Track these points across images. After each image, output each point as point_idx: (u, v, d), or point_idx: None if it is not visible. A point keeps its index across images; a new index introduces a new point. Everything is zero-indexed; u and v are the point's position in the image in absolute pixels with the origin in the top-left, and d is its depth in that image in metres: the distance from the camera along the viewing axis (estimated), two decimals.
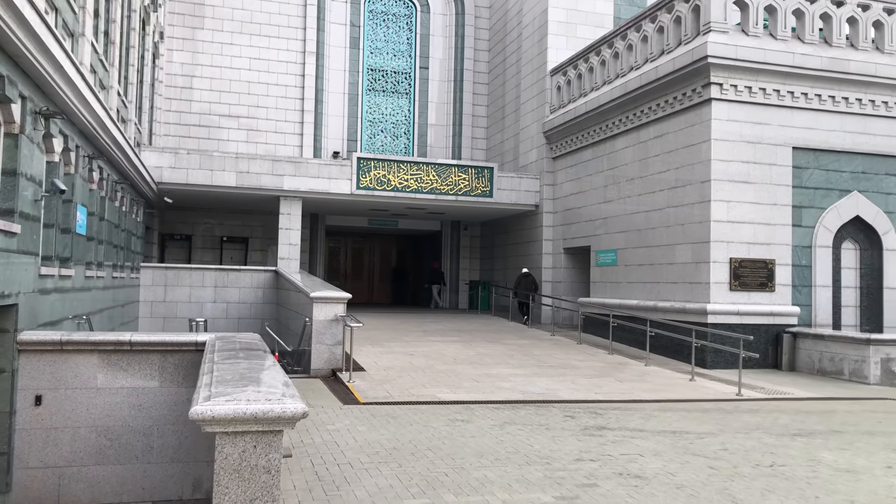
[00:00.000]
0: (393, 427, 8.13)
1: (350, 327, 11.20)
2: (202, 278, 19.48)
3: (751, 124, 15.23)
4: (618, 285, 18.33)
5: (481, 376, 11.94)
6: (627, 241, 17.98)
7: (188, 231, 24.77)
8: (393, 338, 16.22)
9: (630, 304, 17.26)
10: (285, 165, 20.52)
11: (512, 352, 14.90)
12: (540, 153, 22.46)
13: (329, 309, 12.06)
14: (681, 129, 16.03)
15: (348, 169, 21.01)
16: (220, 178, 19.97)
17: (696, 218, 15.36)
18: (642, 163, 17.46)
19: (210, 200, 22.24)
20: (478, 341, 16.25)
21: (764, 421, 9.32)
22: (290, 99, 25.74)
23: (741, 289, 14.97)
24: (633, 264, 17.68)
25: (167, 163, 19.59)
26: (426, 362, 13.10)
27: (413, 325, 18.88)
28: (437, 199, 21.66)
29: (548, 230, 22.06)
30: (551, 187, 22.16)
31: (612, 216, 18.70)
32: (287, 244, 20.79)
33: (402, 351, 14.33)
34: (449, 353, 14.36)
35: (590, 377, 12.38)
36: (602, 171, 19.33)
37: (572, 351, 15.60)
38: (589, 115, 19.40)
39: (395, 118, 27.14)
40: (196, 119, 24.85)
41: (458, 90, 27.41)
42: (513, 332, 18.46)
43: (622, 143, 18.43)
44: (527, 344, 16.27)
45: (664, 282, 16.38)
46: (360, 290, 30.45)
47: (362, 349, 14.29)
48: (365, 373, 11.89)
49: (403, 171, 21.29)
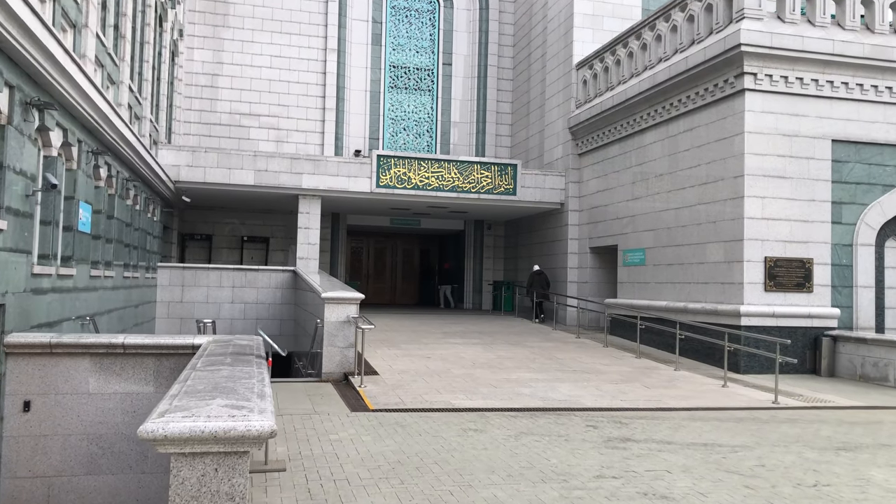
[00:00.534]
0: (400, 437, 7.58)
1: (362, 329, 10.68)
2: (220, 278, 19.15)
3: (787, 116, 14.43)
4: (646, 286, 17.61)
5: (500, 381, 11.36)
6: (656, 239, 17.25)
7: (209, 231, 24.52)
8: (411, 340, 15.70)
9: (659, 306, 16.54)
10: (304, 163, 20.12)
11: (534, 355, 14.28)
12: (565, 150, 21.79)
13: (341, 310, 11.57)
14: (712, 122, 15.27)
15: (368, 167, 20.55)
16: (238, 176, 19.63)
17: (728, 215, 14.61)
18: (671, 158, 16.73)
19: (229, 200, 21.94)
20: (499, 344, 15.66)
21: (804, 433, 8.60)
22: (311, 97, 25.38)
23: (777, 289, 14.18)
24: (662, 264, 16.95)
25: (184, 161, 19.30)
26: (443, 366, 12.55)
27: (433, 327, 18.34)
28: (459, 198, 21.10)
29: (573, 229, 21.38)
30: (577, 185, 21.48)
31: (640, 214, 17.97)
32: (306, 244, 20.39)
33: (418, 354, 13.79)
34: (468, 356, 13.80)
35: (615, 383, 11.72)
36: (629, 168, 18.61)
37: (598, 354, 14.93)
38: (616, 109, 18.70)
39: (417, 116, 26.65)
40: (217, 118, 24.60)
41: (481, 87, 26.82)
42: (536, 334, 17.83)
43: (650, 138, 17.71)
44: (550, 347, 15.64)
45: (694, 282, 15.64)
46: (382, 291, 30.02)
47: (377, 352, 13.79)
48: (378, 377, 11.37)
49: (424, 168, 20.77)
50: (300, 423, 8.22)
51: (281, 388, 10.48)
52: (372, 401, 9.62)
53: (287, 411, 8.85)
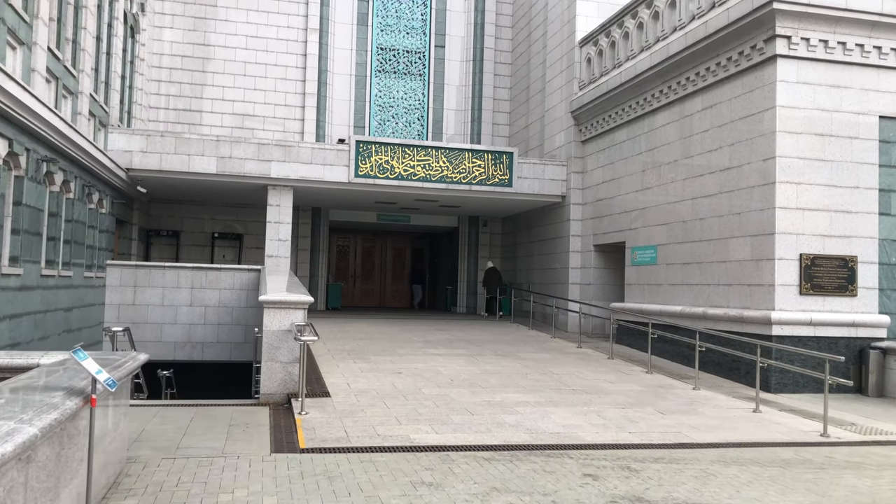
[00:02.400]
0: (317, 501, 5.41)
1: (302, 342, 8.51)
2: (177, 278, 17.03)
3: (826, 88, 12.21)
4: (657, 288, 15.40)
5: (480, 406, 9.18)
6: (669, 235, 15.05)
7: (176, 227, 22.42)
8: (385, 350, 13.53)
9: (673, 311, 14.34)
10: (273, 150, 17.98)
11: (526, 369, 12.09)
12: (567, 136, 19.60)
13: (284, 316, 9.42)
14: (736, 97, 13.07)
15: (346, 154, 18.40)
16: (198, 163, 17.51)
17: (756, 205, 12.40)
18: (687, 141, 14.53)
19: (193, 191, 19.83)
20: (487, 355, 13.48)
21: (878, 486, 6.40)
22: (290, 81, 23.27)
23: (814, 292, 11.96)
24: (677, 263, 14.74)
25: (138, 146, 17.20)
26: (414, 385, 10.37)
27: (416, 334, 16.16)
28: (448, 190, 18.93)
29: (575, 224, 19.18)
30: (580, 175, 19.27)
31: (651, 206, 15.77)
32: (276, 240, 18.25)
33: (388, 368, 11.62)
34: (447, 371, 11.62)
35: (622, 406, 9.52)
36: (639, 154, 16.41)
37: (602, 368, 12.73)
38: (624, 87, 16.51)
39: (407, 103, 24.49)
40: (186, 103, 22.51)
41: (477, 71, 24.65)
42: (532, 344, 15.63)
43: (663, 119, 15.51)
44: (546, 359, 13.44)
45: (715, 284, 13.43)
46: (370, 294, 27.89)
47: (339, 366, 11.63)
48: (328, 400, 9.21)
49: (409, 156, 18.61)
50: (192, 470, 6.06)
51: (201, 415, 8.34)
52: (308, 435, 7.46)
53: (186, 452, 6.68)
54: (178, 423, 7.86)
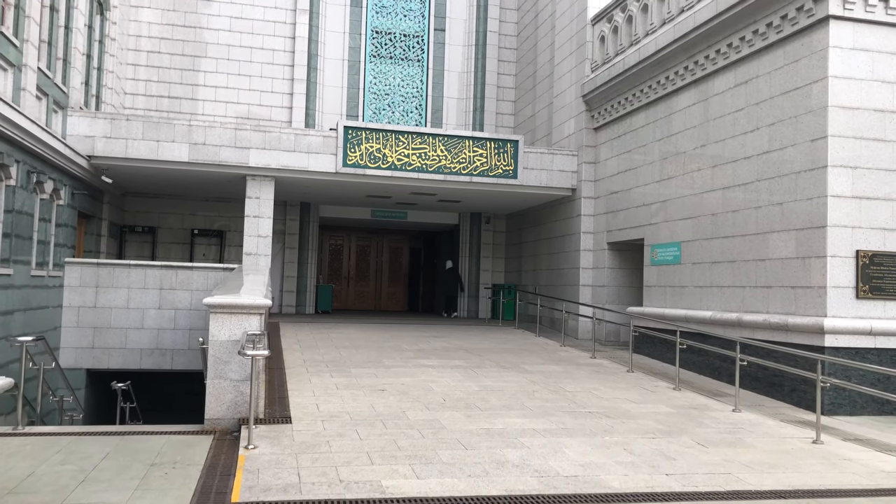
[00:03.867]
0: None
1: (251, 357, 6.72)
2: (144, 278, 15.29)
3: (888, 55, 10.40)
4: (682, 290, 13.59)
5: (476, 435, 7.39)
6: (696, 230, 13.24)
7: (153, 222, 20.68)
8: (370, 361, 11.75)
9: (700, 317, 12.53)
10: (251, 135, 16.22)
11: (534, 385, 10.29)
12: (578, 124, 17.79)
13: (234, 324, 7.65)
14: (777, 70, 11.26)
15: (333, 141, 16.63)
16: (169, 150, 15.76)
17: (802, 193, 10.59)
18: (717, 123, 12.72)
19: (168, 183, 18.09)
20: (488, 367, 11.68)
21: None
22: (277, 66, 21.52)
23: (873, 296, 10.14)
24: (705, 262, 12.93)
25: (101, 131, 15.46)
26: (397, 406, 8.58)
27: (408, 342, 14.38)
28: (446, 181, 17.14)
29: (587, 220, 17.36)
30: (592, 166, 17.47)
31: (674, 198, 13.97)
32: (255, 236, 16.48)
33: (370, 384, 9.83)
34: (440, 387, 9.82)
35: (653, 436, 7.72)
36: (659, 140, 14.61)
37: (621, 384, 10.92)
38: (642, 66, 14.72)
39: (404, 90, 22.71)
40: (165, 89, 20.79)
41: (480, 56, 22.87)
42: (539, 353, 13.83)
43: (687, 100, 13.71)
44: (556, 372, 11.63)
45: (752, 286, 11.61)
46: (365, 296, 26.11)
47: (312, 381, 9.85)
48: (288, 427, 7.43)
49: (403, 144, 16.83)
50: None
51: (121, 449, 6.56)
52: (247, 481, 5.67)
53: None
54: (84, 461, 6.10)
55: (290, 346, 12.97)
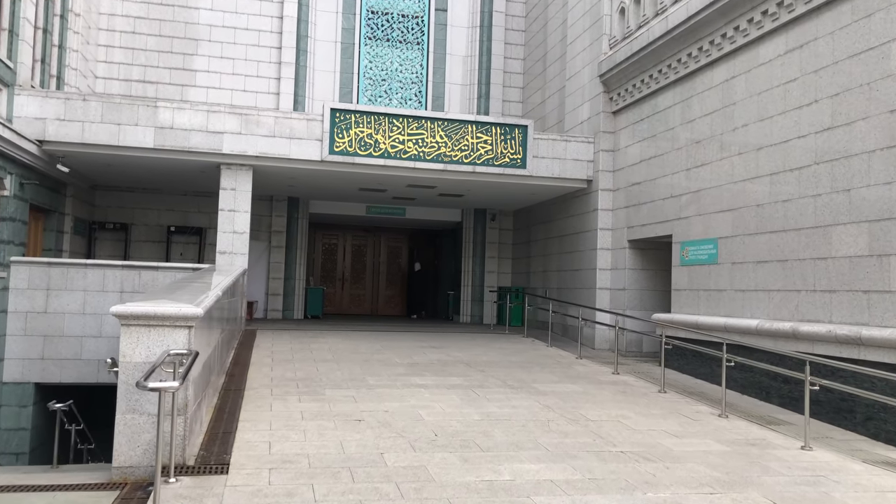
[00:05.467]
0: None
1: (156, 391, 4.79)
2: (103, 280, 13.44)
3: None
4: (719, 295, 11.65)
5: (476, 492, 5.48)
6: (737, 224, 11.30)
7: (125, 218, 18.85)
8: (352, 379, 9.84)
9: (744, 327, 10.58)
10: (225, 119, 14.35)
11: (548, 412, 8.36)
12: (594, 107, 15.87)
13: (154, 339, 5.76)
14: (842, 28, 9.33)
15: (318, 125, 14.75)
16: (132, 135, 13.91)
17: (877, 176, 8.65)
18: (762, 98, 10.79)
19: (134, 174, 16.24)
20: (493, 386, 9.76)
21: None
22: (263, 48, 19.69)
23: None
24: (748, 261, 10.99)
25: (52, 112, 13.63)
26: (375, 444, 6.67)
27: (401, 354, 12.47)
28: (447, 171, 15.25)
29: (605, 215, 15.43)
30: (610, 154, 15.54)
31: (709, 188, 12.03)
32: (230, 232, 14.62)
33: (345, 412, 7.92)
34: (431, 415, 7.91)
35: (710, 489, 5.79)
36: (690, 122, 12.68)
37: (655, 408, 8.98)
38: (669, 37, 12.80)
39: (402, 76, 20.84)
40: (140, 73, 18.97)
41: (485, 39, 20.97)
42: (552, 368, 11.89)
43: (725, 73, 11.77)
44: (575, 393, 9.70)
45: (808, 289, 9.67)
46: (360, 300, 24.21)
47: (275, 407, 7.95)
48: (222, 479, 5.53)
49: (398, 129, 14.94)
50: None
51: None
52: None
53: None
54: None
55: (260, 359, 11.09)
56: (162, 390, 4.77)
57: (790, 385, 9.62)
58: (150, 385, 4.65)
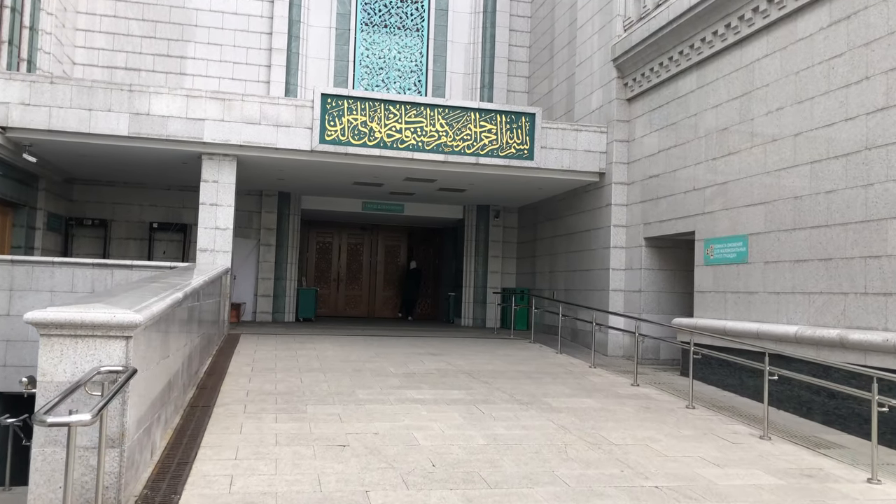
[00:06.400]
0: None
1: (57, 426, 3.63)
2: (71, 279, 12.30)
3: None
4: (750, 298, 10.48)
5: None
6: (770, 219, 10.14)
7: (105, 214, 17.70)
8: (339, 393, 8.67)
9: (780, 334, 9.42)
10: (207, 104, 13.20)
11: (565, 434, 7.20)
12: (607, 95, 14.71)
13: (81, 353, 4.61)
14: None
15: (308, 112, 13.59)
16: (104, 122, 12.76)
17: None
18: (802, 77, 9.63)
19: (106, 165, 15.08)
20: (499, 401, 8.59)
21: None
22: (253, 34, 18.54)
23: None
24: (784, 260, 9.82)
25: (17, 96, 12.48)
26: (359, 478, 5.51)
27: (397, 361, 11.31)
28: (448, 163, 14.10)
29: (619, 211, 14.27)
30: (625, 145, 14.38)
31: (738, 179, 10.87)
32: (212, 228, 13.46)
33: (328, 435, 6.75)
34: (429, 439, 6.74)
35: None
36: (716, 107, 11.52)
37: (686, 427, 7.81)
38: (693, 13, 11.64)
39: (400, 64, 19.68)
40: (122, 59, 17.82)
41: (489, 24, 19.82)
42: (564, 378, 10.72)
43: (757, 51, 10.61)
44: (592, 409, 8.53)
45: (858, 292, 8.51)
46: (357, 301, 23.06)
47: (245, 429, 6.79)
48: None
49: (395, 117, 13.78)
50: None
51: None
52: None
53: None
54: None
55: (238, 368, 9.93)
56: (71, 425, 3.61)
57: (836, 401, 8.47)
58: (50, 420, 3.48)
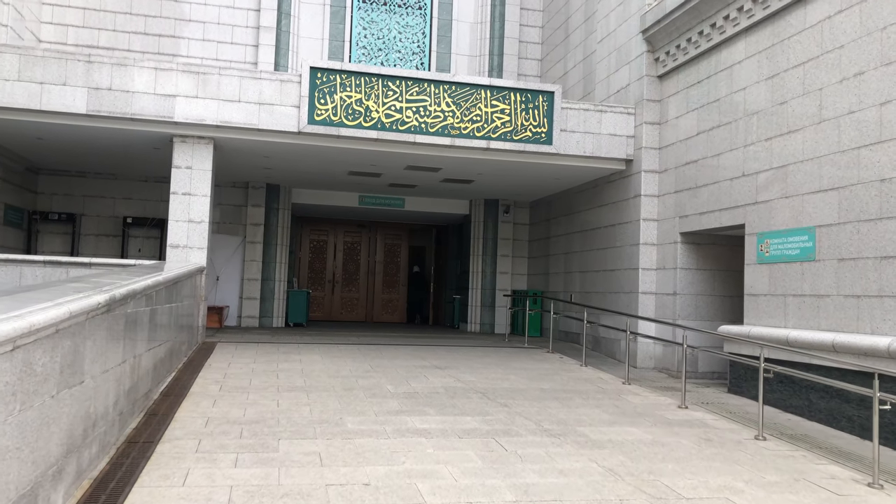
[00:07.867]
0: None
1: None
2: (18, 279, 10.61)
3: None
4: (818, 302, 8.74)
5: None
6: (846, 207, 8.41)
7: (74, 208, 15.99)
8: (322, 420, 6.93)
9: (864, 346, 7.69)
10: (179, 78, 11.49)
11: (616, 484, 5.47)
12: (634, 72, 13.00)
13: None
14: None
15: (295, 87, 11.88)
16: (59, 97, 11.05)
17: None
18: (890, 33, 7.91)
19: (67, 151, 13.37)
20: (523, 432, 6.86)
21: None
22: (239, 10, 16.85)
23: None
24: (865, 257, 8.10)
25: None
26: None
27: (396, 377, 9.57)
28: (454, 147, 12.39)
29: (649, 203, 12.55)
30: (656, 127, 12.67)
31: (801, 161, 9.15)
32: (184, 221, 11.74)
33: (299, 486, 5.02)
34: (438, 494, 5.01)
35: None
36: (773, 76, 9.80)
37: (768, 472, 6.07)
38: None
39: (401, 44, 17.97)
40: (95, 36, 16.12)
41: (497, 2, 18.10)
42: (596, 397, 8.99)
43: (826, 8, 8.91)
44: (642, 442, 6.79)
45: None
46: (353, 305, 21.34)
47: (193, 476, 5.05)
48: None
49: (394, 94, 12.08)
50: None
51: None
52: None
53: None
54: None
55: (204, 387, 8.21)
56: None
57: None
58: None
